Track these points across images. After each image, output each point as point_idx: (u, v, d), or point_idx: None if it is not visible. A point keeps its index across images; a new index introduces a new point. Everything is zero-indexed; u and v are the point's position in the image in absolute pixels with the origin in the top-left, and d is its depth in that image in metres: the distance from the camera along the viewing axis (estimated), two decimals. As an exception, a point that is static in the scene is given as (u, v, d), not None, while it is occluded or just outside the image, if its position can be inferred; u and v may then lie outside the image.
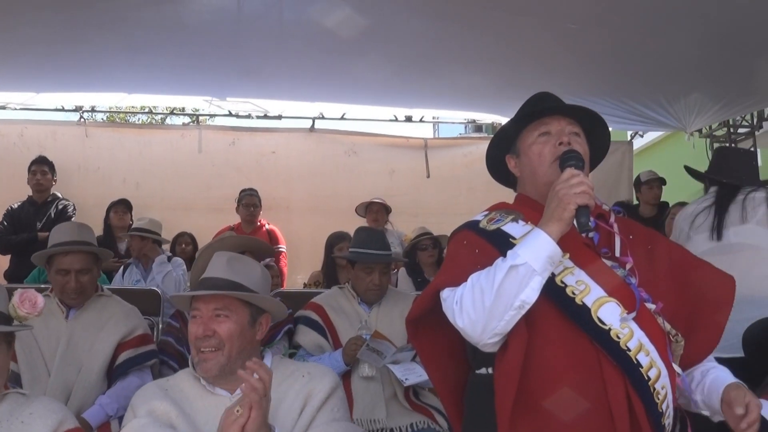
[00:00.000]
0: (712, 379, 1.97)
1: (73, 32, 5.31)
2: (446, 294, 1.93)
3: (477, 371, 2.04)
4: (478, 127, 13.41)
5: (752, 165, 4.11)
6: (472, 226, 2.08)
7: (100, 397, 3.30)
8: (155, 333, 4.36)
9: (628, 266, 1.97)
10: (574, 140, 2.05)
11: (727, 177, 3.92)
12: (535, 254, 1.81)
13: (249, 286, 2.53)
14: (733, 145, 8.94)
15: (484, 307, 1.81)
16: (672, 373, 1.90)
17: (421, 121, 8.80)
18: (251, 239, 4.09)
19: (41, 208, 6.40)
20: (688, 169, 4.62)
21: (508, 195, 2.27)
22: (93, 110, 8.32)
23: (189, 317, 2.57)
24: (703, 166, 9.10)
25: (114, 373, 3.41)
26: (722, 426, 2.96)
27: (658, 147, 13.08)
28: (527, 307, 1.81)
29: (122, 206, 6.57)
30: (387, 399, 3.55)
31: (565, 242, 1.85)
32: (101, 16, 5.09)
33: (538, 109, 2.13)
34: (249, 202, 7.07)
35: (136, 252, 5.89)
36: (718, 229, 3.66)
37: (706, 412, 1.98)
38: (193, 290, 2.60)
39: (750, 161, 4.16)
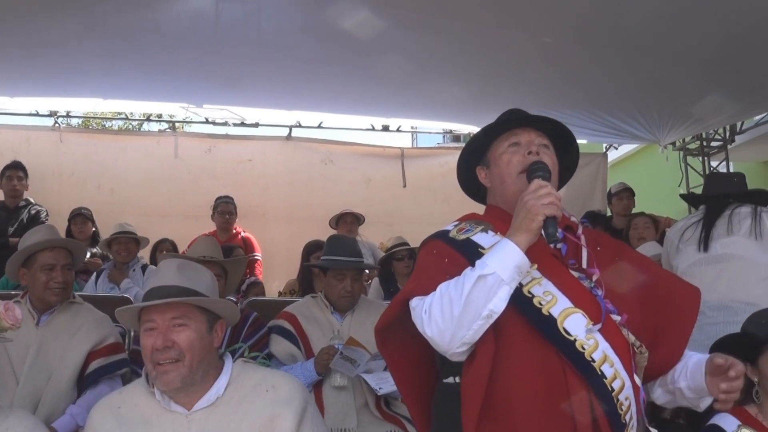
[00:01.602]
0: (695, 361, 1.98)
1: (49, 36, 5.28)
2: (415, 303, 1.94)
3: (444, 380, 2.05)
4: (456, 137, 13.47)
5: (741, 180, 4.23)
6: (442, 235, 2.10)
7: (70, 406, 3.27)
8: (127, 341, 4.33)
9: (594, 278, 1.99)
10: (543, 152, 2.08)
11: (715, 190, 4.05)
12: (503, 264, 1.82)
13: (203, 292, 2.43)
14: (705, 158, 9.06)
15: (453, 316, 1.82)
16: (635, 385, 1.92)
17: (398, 130, 8.82)
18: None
19: (13, 214, 6.34)
20: (684, 197, 4.76)
21: (483, 205, 2.29)
22: (68, 115, 8.26)
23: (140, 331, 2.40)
24: (676, 179, 9.29)
25: (84, 381, 3.37)
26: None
27: (632, 159, 13.18)
28: (495, 316, 1.82)
29: (80, 218, 6.46)
30: (358, 408, 3.56)
31: (533, 253, 1.87)
32: (77, 20, 5.07)
33: (509, 119, 2.16)
34: (224, 209, 7.05)
35: (123, 257, 5.86)
36: (705, 242, 3.75)
37: (691, 399, 1.99)
38: (145, 301, 2.42)
39: (740, 178, 4.27)
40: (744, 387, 2.76)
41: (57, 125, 7.88)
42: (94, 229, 6.53)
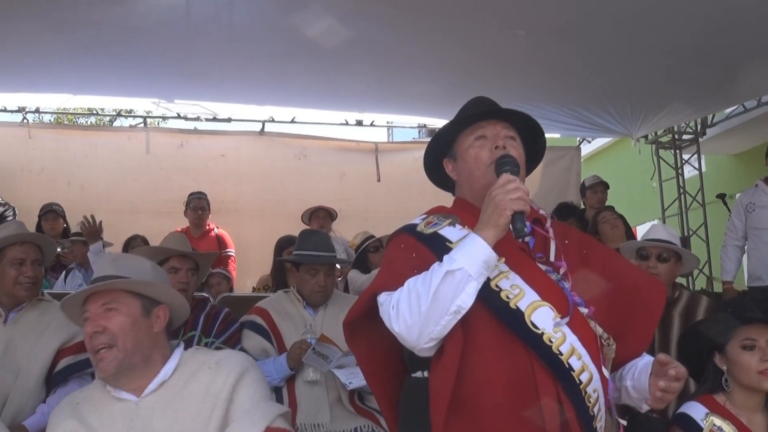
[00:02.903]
0: (645, 363, 1.99)
1: (15, 31, 5.20)
2: (383, 298, 1.94)
3: (413, 374, 2.05)
4: (432, 132, 13.49)
5: None
6: (409, 229, 2.09)
7: (41, 405, 3.23)
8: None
9: (561, 271, 1.99)
10: (509, 144, 2.07)
11: None
12: (471, 259, 1.82)
13: (136, 278, 2.47)
14: (677, 151, 9.13)
15: (420, 312, 1.82)
16: (604, 377, 1.93)
17: (371, 125, 8.80)
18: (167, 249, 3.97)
19: (-21, 213, 6.26)
20: None
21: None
22: (38, 111, 8.14)
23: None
24: (648, 172, 9.39)
25: (53, 379, 3.33)
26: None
27: (605, 153, 13.32)
28: (463, 312, 1.82)
29: (51, 214, 6.41)
30: (331, 403, 3.55)
31: (500, 246, 1.86)
32: (44, 14, 5.00)
33: (474, 112, 2.14)
34: (197, 205, 6.99)
35: (80, 257, 5.78)
36: None
37: (634, 399, 2.00)
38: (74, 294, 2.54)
39: None
40: (713, 375, 2.81)
41: (25, 121, 7.76)
42: (65, 225, 6.46)
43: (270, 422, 2.29)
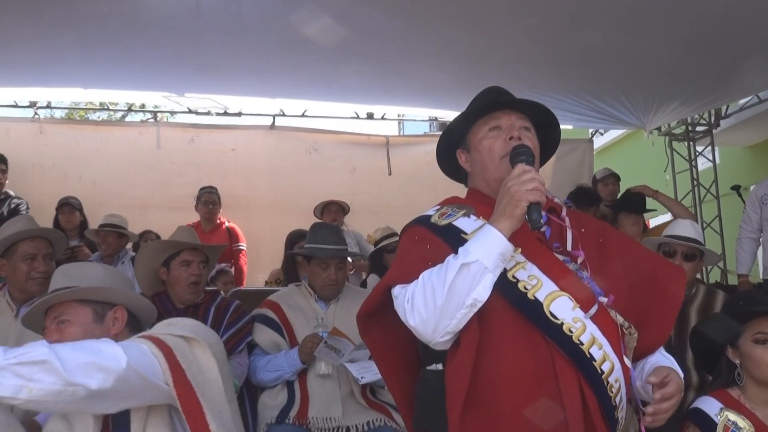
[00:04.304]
0: (652, 363, 1.97)
1: (25, 25, 5.20)
2: (397, 291, 1.90)
3: (428, 367, 2.01)
4: (443, 125, 13.47)
5: None
6: (423, 221, 2.05)
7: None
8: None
9: (579, 260, 1.96)
10: (524, 135, 2.03)
11: None
12: (487, 252, 1.78)
13: (84, 287, 2.46)
14: (691, 143, 9.06)
15: (436, 306, 1.79)
16: (625, 366, 1.90)
17: (382, 118, 8.77)
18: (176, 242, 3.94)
19: (-8, 207, 6.28)
20: None
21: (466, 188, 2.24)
22: (49, 107, 8.15)
23: None
24: (662, 164, 9.31)
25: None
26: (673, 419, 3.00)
27: (618, 145, 13.26)
28: (479, 305, 1.79)
29: (68, 207, 6.44)
30: (343, 397, 3.53)
31: (516, 237, 1.83)
32: (55, 9, 5.00)
33: (488, 103, 2.11)
34: (208, 199, 7.01)
35: (113, 249, 5.81)
36: None
37: (647, 398, 1.97)
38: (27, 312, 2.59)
39: None
40: (726, 369, 2.77)
41: (36, 116, 7.78)
42: (82, 219, 6.49)
43: None
